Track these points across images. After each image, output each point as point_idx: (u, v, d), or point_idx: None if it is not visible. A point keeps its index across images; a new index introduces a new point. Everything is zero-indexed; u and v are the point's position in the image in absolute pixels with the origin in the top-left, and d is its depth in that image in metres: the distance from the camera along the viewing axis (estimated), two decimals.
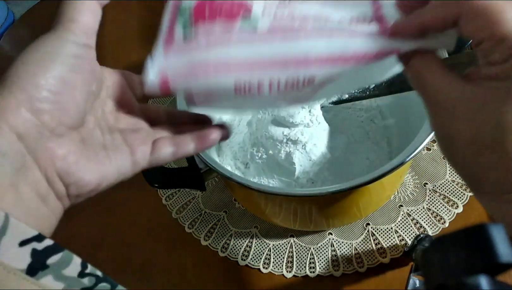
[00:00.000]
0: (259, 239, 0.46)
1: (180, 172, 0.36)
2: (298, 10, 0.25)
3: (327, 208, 0.39)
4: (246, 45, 0.23)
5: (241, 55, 0.22)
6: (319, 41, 0.22)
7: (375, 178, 0.30)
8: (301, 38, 0.23)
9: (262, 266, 0.44)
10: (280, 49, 0.22)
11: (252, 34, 0.24)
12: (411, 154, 0.30)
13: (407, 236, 0.43)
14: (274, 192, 0.32)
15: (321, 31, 0.23)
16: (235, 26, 0.24)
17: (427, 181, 0.46)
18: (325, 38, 0.22)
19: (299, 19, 0.24)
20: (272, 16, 0.24)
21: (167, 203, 0.50)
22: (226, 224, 0.47)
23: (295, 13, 0.25)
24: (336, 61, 0.22)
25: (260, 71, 0.22)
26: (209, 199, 0.50)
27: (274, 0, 0.25)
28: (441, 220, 0.44)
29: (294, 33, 0.23)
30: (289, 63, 0.22)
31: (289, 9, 0.25)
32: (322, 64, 0.22)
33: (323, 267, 0.43)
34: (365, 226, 0.45)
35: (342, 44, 0.22)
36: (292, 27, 0.24)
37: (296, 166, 0.41)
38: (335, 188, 0.31)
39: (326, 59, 0.22)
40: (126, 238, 0.49)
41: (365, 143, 0.45)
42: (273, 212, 0.41)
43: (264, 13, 0.25)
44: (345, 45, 0.22)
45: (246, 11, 0.24)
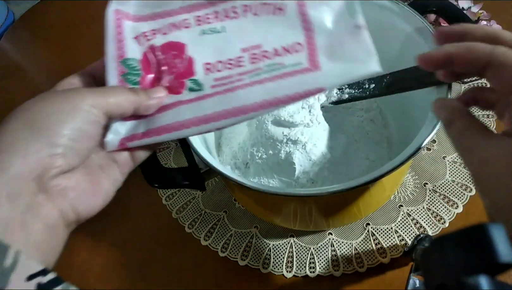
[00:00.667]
0: (259, 239, 0.46)
1: (180, 172, 0.36)
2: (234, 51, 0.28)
3: (327, 208, 0.39)
4: (193, 105, 0.26)
5: (189, 116, 0.26)
6: (254, 91, 0.26)
7: (375, 178, 0.30)
8: (239, 91, 0.26)
9: (262, 266, 0.44)
10: (222, 104, 0.26)
11: (197, 94, 0.27)
12: (411, 154, 0.30)
13: (407, 236, 0.43)
14: (274, 192, 0.32)
15: (256, 79, 0.26)
16: (183, 89, 0.28)
17: (427, 181, 0.46)
18: (259, 87, 0.26)
19: (237, 73, 0.27)
20: (214, 73, 0.28)
21: (167, 203, 0.50)
22: (226, 224, 0.47)
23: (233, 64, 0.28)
24: (270, 105, 0.25)
25: (206, 125, 0.26)
26: (209, 199, 0.50)
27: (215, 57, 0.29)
28: (441, 220, 0.44)
29: (234, 87, 0.26)
30: (231, 114, 0.25)
31: (228, 58, 0.28)
32: (258, 110, 0.25)
33: (323, 267, 0.43)
34: (365, 226, 0.45)
35: (274, 90, 0.25)
36: (232, 80, 0.27)
37: (296, 166, 0.41)
38: (335, 188, 0.31)
39: (261, 105, 0.25)
40: (126, 238, 0.49)
41: (365, 143, 0.45)
42: (273, 212, 0.41)
43: (207, 73, 0.28)
44: (276, 90, 0.25)
45: (190, 74, 0.28)
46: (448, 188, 0.45)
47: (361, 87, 0.41)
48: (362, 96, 0.41)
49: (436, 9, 0.40)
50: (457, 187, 0.45)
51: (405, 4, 0.40)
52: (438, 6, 0.40)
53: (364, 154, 0.44)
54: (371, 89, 0.40)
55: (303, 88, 0.25)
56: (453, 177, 0.46)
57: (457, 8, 0.40)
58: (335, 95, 0.43)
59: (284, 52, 0.28)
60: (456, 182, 0.46)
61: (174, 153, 0.54)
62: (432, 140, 0.49)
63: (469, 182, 0.45)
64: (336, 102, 0.43)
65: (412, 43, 0.40)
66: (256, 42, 0.28)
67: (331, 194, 0.31)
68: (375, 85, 0.39)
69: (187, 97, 0.27)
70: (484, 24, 0.55)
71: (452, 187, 0.45)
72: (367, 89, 0.40)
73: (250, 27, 0.29)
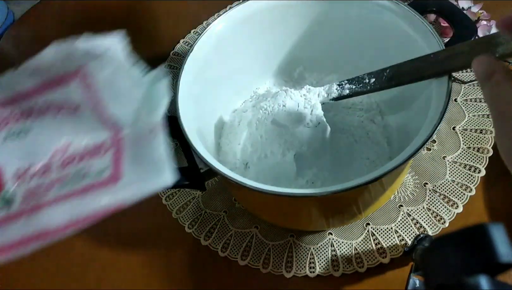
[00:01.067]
0: (259, 239, 0.46)
1: (180, 171, 0.36)
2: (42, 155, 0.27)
3: (327, 208, 0.39)
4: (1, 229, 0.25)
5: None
6: (59, 212, 0.25)
7: (375, 178, 0.30)
8: (43, 211, 0.25)
9: (262, 266, 0.44)
10: (27, 228, 0.25)
11: (7, 212, 0.26)
12: (411, 154, 0.30)
13: (407, 236, 0.43)
14: (274, 192, 0.32)
15: (62, 193, 0.26)
16: None
17: (427, 181, 0.46)
18: (64, 205, 0.25)
19: (46, 183, 0.26)
20: (25, 183, 0.27)
21: (167, 203, 0.50)
22: (226, 224, 0.47)
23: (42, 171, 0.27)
24: (77, 223, 0.25)
25: (11, 251, 0.25)
26: (209, 199, 0.49)
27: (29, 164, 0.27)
28: (441, 220, 0.44)
29: (40, 205, 0.25)
30: (34, 239, 0.25)
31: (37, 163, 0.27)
32: (63, 231, 0.25)
33: (323, 267, 0.43)
34: (365, 226, 0.45)
35: (77, 208, 0.25)
36: (40, 193, 0.26)
37: (296, 166, 0.41)
38: (335, 188, 0.31)
39: (66, 226, 0.25)
40: (126, 238, 0.49)
41: (365, 143, 0.45)
42: (273, 212, 0.41)
43: (18, 184, 0.27)
44: (79, 209, 0.25)
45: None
46: (448, 188, 0.45)
47: (361, 82, 0.40)
48: (363, 91, 0.40)
49: (436, 9, 0.40)
50: (457, 187, 0.45)
51: (405, 4, 0.40)
52: (438, 6, 0.40)
53: (364, 154, 0.44)
54: (371, 84, 0.39)
55: (104, 205, 0.26)
56: (453, 176, 0.46)
57: (457, 8, 0.40)
58: (335, 91, 0.42)
59: (91, 155, 0.27)
60: (456, 182, 0.46)
61: (174, 153, 0.54)
62: (432, 140, 0.49)
63: (469, 181, 0.45)
64: (337, 98, 0.42)
65: (412, 43, 0.40)
66: (63, 144, 0.27)
67: (331, 194, 0.31)
68: (375, 80, 0.39)
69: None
70: (484, 24, 0.55)
71: (452, 187, 0.45)
72: (367, 84, 0.40)
73: (54, 128, 0.28)
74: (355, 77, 0.41)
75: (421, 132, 0.32)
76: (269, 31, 0.48)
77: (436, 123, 0.31)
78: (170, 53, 0.66)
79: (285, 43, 0.51)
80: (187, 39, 0.68)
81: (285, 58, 0.53)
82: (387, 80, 0.38)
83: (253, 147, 0.45)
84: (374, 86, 0.39)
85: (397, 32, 0.41)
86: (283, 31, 0.49)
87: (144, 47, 0.68)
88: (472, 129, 0.49)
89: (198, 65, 0.42)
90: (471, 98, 0.51)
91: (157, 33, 0.70)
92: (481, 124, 0.49)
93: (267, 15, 0.46)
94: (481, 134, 0.48)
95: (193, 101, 0.40)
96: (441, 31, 0.58)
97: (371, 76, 0.40)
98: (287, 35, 0.50)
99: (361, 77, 0.40)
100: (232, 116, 0.49)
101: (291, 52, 0.52)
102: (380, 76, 0.39)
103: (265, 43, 0.49)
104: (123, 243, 0.49)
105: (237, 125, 0.47)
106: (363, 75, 0.40)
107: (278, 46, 0.51)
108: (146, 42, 0.69)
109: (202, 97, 0.43)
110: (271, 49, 0.51)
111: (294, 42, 0.51)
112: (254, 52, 0.49)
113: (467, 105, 0.51)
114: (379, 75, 0.39)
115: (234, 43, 0.46)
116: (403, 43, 0.41)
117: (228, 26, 0.45)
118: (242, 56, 0.49)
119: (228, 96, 0.51)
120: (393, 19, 0.41)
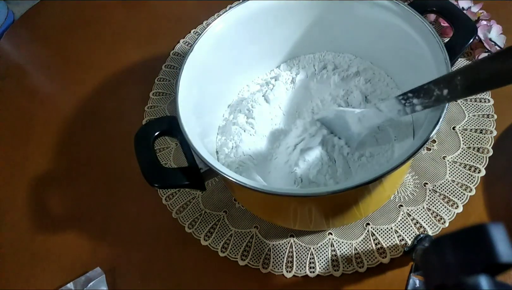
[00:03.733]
0: (259, 239, 0.46)
1: (180, 171, 0.36)
2: None
3: (327, 208, 0.39)
4: None
5: None
6: None
7: (375, 178, 0.30)
8: None
9: (262, 266, 0.44)
10: None
11: None
12: (411, 154, 0.30)
13: (407, 236, 0.43)
14: (274, 192, 0.32)
15: None
16: None
17: (427, 181, 0.46)
18: None
19: None
20: None
21: (167, 203, 0.50)
22: (226, 224, 0.47)
23: None
24: None
25: None
26: (209, 199, 0.50)
27: None
28: (441, 220, 0.44)
29: None
30: None
31: None
32: None
33: (323, 267, 0.43)
34: (365, 226, 0.45)
35: None
36: None
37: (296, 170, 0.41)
38: (335, 188, 0.31)
39: None
40: (126, 238, 0.49)
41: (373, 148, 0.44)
42: (273, 212, 0.41)
43: None
44: None
45: None
46: (448, 187, 0.45)
47: (431, 94, 0.33)
48: (436, 104, 0.33)
49: (436, 9, 0.40)
50: (457, 187, 0.45)
51: (405, 4, 0.40)
52: (438, 6, 0.40)
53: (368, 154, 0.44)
54: (445, 96, 0.32)
55: None
56: (453, 176, 0.46)
57: (457, 8, 0.40)
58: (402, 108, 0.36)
59: None
60: (456, 181, 0.46)
61: (174, 153, 0.55)
62: (432, 140, 0.49)
63: (469, 181, 0.45)
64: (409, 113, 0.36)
65: (412, 43, 0.40)
66: None
67: (331, 194, 0.31)
68: (448, 90, 0.32)
69: None
70: (484, 24, 0.55)
71: (452, 187, 0.45)
72: (441, 96, 0.33)
73: None
74: (419, 89, 0.34)
75: (421, 132, 0.32)
76: (269, 31, 0.48)
77: (436, 123, 0.31)
78: (170, 53, 0.66)
79: (284, 43, 0.51)
80: (187, 39, 0.68)
81: (285, 58, 0.53)
82: (462, 90, 0.31)
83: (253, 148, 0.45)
84: (450, 98, 0.32)
85: (397, 32, 0.41)
86: (282, 31, 0.49)
87: (144, 47, 0.68)
88: (472, 129, 0.49)
89: (198, 65, 0.42)
90: (471, 98, 0.51)
91: (157, 33, 0.70)
92: (481, 124, 0.49)
93: (267, 16, 0.46)
94: (481, 134, 0.48)
95: (193, 101, 0.40)
96: (441, 31, 0.58)
97: (440, 86, 0.32)
98: (287, 36, 0.50)
99: (427, 88, 0.33)
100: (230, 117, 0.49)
101: (290, 53, 0.52)
102: (453, 86, 0.32)
103: (264, 43, 0.49)
104: (123, 243, 0.49)
105: (237, 126, 0.47)
106: (429, 86, 0.33)
107: (278, 46, 0.51)
108: (146, 42, 0.69)
109: (202, 97, 0.43)
110: (270, 49, 0.51)
111: (294, 43, 0.51)
112: (254, 52, 0.49)
113: (467, 105, 0.51)
114: (451, 84, 0.32)
115: (234, 43, 0.46)
116: (403, 43, 0.41)
117: (228, 26, 0.45)
118: (242, 56, 0.49)
119: (228, 96, 0.51)
120: (393, 19, 0.41)
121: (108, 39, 0.71)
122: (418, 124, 0.41)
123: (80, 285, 0.44)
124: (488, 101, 0.51)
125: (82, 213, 0.52)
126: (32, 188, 0.55)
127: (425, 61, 0.38)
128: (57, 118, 0.62)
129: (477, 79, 0.30)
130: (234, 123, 0.47)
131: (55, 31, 0.75)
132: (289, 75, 0.51)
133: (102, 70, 0.66)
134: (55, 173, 0.56)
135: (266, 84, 0.50)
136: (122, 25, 0.73)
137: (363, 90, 0.47)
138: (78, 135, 0.60)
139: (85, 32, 0.73)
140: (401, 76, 0.46)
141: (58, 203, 0.53)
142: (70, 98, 0.64)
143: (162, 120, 0.39)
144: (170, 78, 0.63)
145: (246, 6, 0.45)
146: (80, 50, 0.70)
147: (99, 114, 0.61)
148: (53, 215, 0.52)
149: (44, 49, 0.73)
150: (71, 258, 0.48)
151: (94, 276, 0.45)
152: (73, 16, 0.77)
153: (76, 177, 0.55)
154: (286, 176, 0.42)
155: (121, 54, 0.68)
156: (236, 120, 0.47)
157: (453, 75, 0.31)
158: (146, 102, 0.60)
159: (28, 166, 0.57)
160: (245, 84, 0.52)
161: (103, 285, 0.44)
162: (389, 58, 0.46)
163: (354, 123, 0.41)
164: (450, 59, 0.35)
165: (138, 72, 0.65)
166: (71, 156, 0.58)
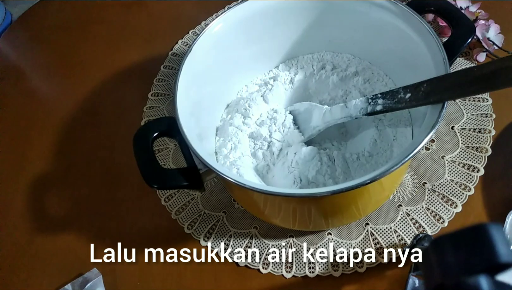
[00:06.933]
0: (259, 239, 0.46)
1: (179, 172, 0.36)
2: None
3: (326, 208, 0.39)
4: None
5: None
6: None
7: (374, 178, 0.30)
8: None
9: (261, 267, 0.44)
10: None
11: None
12: (410, 153, 0.30)
13: (406, 235, 0.43)
14: (274, 192, 0.32)
15: None
16: None
17: (426, 181, 0.46)
18: None
19: None
20: None
21: (166, 204, 0.50)
22: (226, 224, 0.47)
23: None
24: None
25: None
26: (208, 200, 0.49)
27: None
28: (440, 219, 0.44)
29: None
30: None
31: None
32: None
33: (323, 267, 0.43)
34: (364, 226, 0.45)
35: None
36: None
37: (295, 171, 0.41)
38: (334, 188, 0.31)
39: None
40: (125, 239, 0.49)
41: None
42: (273, 212, 0.41)
43: None
44: None
45: None
46: (447, 187, 0.45)
47: (395, 97, 0.36)
48: (397, 107, 0.37)
49: (434, 8, 0.40)
50: (456, 187, 0.45)
51: (403, 4, 0.40)
52: (436, 6, 0.40)
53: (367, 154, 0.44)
54: (407, 99, 0.35)
55: None
56: (452, 176, 0.46)
57: (455, 7, 0.40)
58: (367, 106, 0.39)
59: None
60: (455, 181, 0.46)
61: (173, 154, 0.54)
62: (431, 140, 0.49)
63: (468, 181, 0.45)
64: (370, 113, 0.39)
65: (410, 43, 0.40)
66: None
67: (330, 194, 0.31)
68: (411, 95, 0.35)
69: None
70: (482, 23, 0.55)
71: (451, 187, 0.45)
72: (402, 99, 0.36)
73: None
74: (389, 91, 0.38)
75: (420, 132, 0.32)
76: (267, 31, 0.48)
77: (435, 123, 0.31)
78: (168, 54, 0.66)
79: (283, 43, 0.51)
80: (185, 39, 0.68)
81: (284, 58, 0.53)
82: (424, 96, 0.34)
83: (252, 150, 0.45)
84: (410, 102, 0.35)
85: (396, 32, 0.41)
86: (281, 32, 0.49)
87: (143, 48, 0.68)
88: (471, 129, 0.49)
89: (196, 66, 0.42)
90: (470, 97, 0.51)
91: (156, 33, 0.70)
92: (480, 123, 0.49)
93: (265, 16, 0.46)
94: (480, 133, 0.48)
95: (192, 101, 0.40)
96: (440, 31, 0.58)
97: (406, 91, 0.36)
98: (286, 36, 0.50)
99: (396, 91, 0.37)
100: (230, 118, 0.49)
101: (289, 53, 0.52)
102: (416, 91, 0.35)
103: (263, 43, 0.49)
104: (123, 243, 0.48)
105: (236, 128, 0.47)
106: (398, 89, 0.36)
107: (277, 47, 0.51)
108: (145, 42, 0.69)
109: (201, 98, 0.43)
110: (269, 50, 0.51)
111: (292, 43, 0.51)
112: (253, 53, 0.49)
113: (465, 105, 0.51)
114: (415, 90, 0.35)
115: (232, 43, 0.46)
116: (402, 43, 0.41)
117: (227, 27, 0.45)
118: (240, 57, 0.49)
119: (227, 96, 0.51)
120: (391, 19, 0.41)
121: (106, 40, 0.71)
122: (417, 124, 0.41)
123: (78, 286, 0.44)
124: (487, 100, 0.51)
125: (81, 214, 0.52)
126: (31, 189, 0.55)
127: (424, 61, 0.38)
128: (56, 119, 0.62)
129: (439, 87, 0.33)
130: (231, 124, 0.47)
131: (53, 33, 0.75)
132: (287, 76, 0.51)
133: (100, 71, 0.66)
134: (54, 173, 0.56)
135: (265, 84, 0.50)
136: (120, 26, 0.73)
137: (362, 90, 0.47)
138: (76, 136, 0.60)
139: (83, 33, 0.73)
140: (399, 76, 0.46)
141: (56, 204, 0.53)
142: (69, 99, 0.64)
143: (161, 121, 0.39)
144: (168, 79, 0.63)
145: (244, 6, 0.45)
146: (78, 51, 0.70)
147: (98, 115, 0.61)
148: (52, 216, 0.52)
149: (42, 50, 0.73)
150: (70, 259, 0.48)
151: (91, 277, 0.44)
152: (71, 17, 0.77)
153: (74, 178, 0.55)
154: (285, 176, 0.41)
155: (119, 55, 0.68)
156: (232, 121, 0.47)
157: (421, 83, 0.34)
158: (144, 103, 0.60)
159: (26, 166, 0.57)
160: (243, 84, 0.52)
161: (101, 285, 0.44)
162: (387, 58, 0.46)
163: (316, 117, 0.43)
164: (449, 58, 0.35)
165: (136, 73, 0.65)
166: (70, 156, 0.57)
